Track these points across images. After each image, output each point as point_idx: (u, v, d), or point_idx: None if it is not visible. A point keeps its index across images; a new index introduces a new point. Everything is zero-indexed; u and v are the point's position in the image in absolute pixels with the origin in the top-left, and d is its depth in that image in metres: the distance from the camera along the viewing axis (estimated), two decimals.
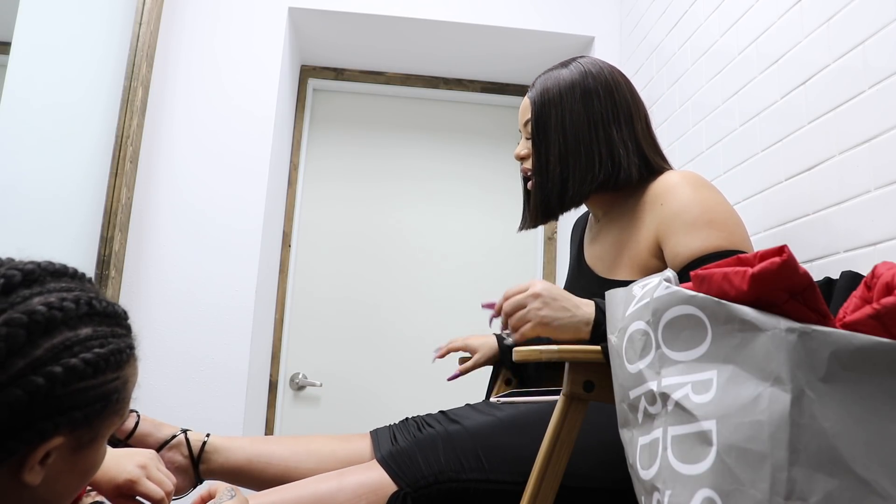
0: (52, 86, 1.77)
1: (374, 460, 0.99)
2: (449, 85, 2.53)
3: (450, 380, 1.41)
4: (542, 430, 0.99)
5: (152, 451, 0.90)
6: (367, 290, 2.41)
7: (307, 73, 2.48)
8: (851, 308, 0.68)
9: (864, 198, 1.07)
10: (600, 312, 0.95)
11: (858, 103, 1.10)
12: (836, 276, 0.99)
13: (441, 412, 1.13)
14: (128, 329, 0.63)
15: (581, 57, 1.21)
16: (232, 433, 1.83)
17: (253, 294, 1.93)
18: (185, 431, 1.06)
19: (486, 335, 1.41)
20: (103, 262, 1.76)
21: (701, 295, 0.62)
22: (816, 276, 1.06)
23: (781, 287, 0.57)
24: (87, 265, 1.75)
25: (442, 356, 1.41)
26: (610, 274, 1.13)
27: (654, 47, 1.93)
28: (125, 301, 1.85)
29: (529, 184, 1.19)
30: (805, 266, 0.95)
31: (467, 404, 1.18)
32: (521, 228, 1.26)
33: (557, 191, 1.13)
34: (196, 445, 1.05)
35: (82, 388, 0.56)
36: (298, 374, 2.33)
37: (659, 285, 0.67)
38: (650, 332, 0.66)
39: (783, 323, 0.56)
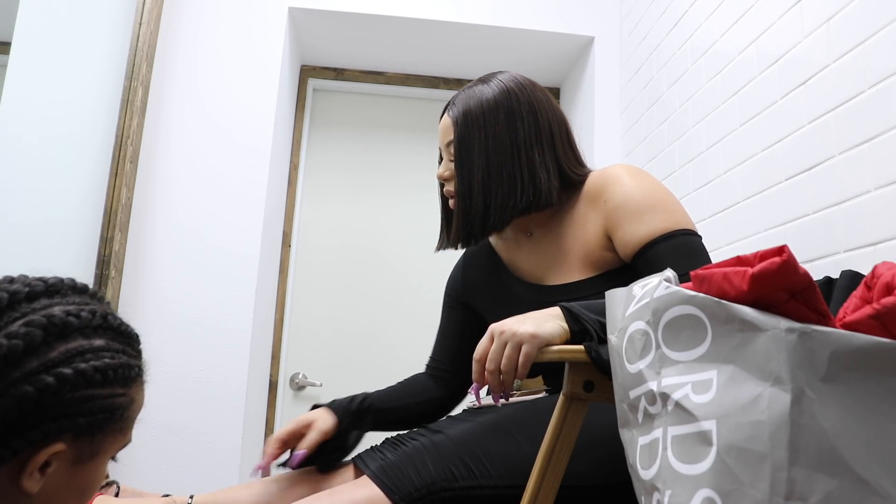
0: (53, 86, 1.77)
1: (365, 476, 0.98)
2: (449, 85, 2.53)
3: (284, 465, 1.09)
4: (526, 430, 0.99)
5: (172, 499, 0.90)
6: (368, 289, 2.41)
7: (307, 73, 2.48)
8: (851, 308, 0.68)
9: (864, 198, 1.07)
10: (566, 310, 0.91)
11: (858, 103, 1.10)
12: (836, 276, 0.99)
13: (422, 426, 1.12)
14: (139, 353, 0.65)
15: (501, 72, 1.17)
16: (232, 433, 1.83)
17: (253, 294, 1.93)
18: (165, 496, 1.04)
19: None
20: (103, 262, 1.76)
21: (701, 295, 0.62)
22: (816, 276, 1.06)
23: (781, 287, 0.57)
24: (87, 265, 1.75)
25: (276, 456, 1.08)
26: (563, 279, 1.11)
27: (654, 47, 1.93)
28: (125, 301, 1.85)
29: (451, 203, 1.15)
30: (805, 266, 0.95)
31: (448, 416, 1.17)
32: (439, 248, 1.20)
33: (480, 216, 1.09)
34: None
35: (89, 395, 0.57)
36: (298, 374, 2.33)
37: (659, 285, 0.67)
38: (650, 332, 0.66)
39: (783, 323, 0.56)
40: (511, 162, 1.08)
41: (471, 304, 1.26)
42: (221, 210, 1.96)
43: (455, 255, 2.52)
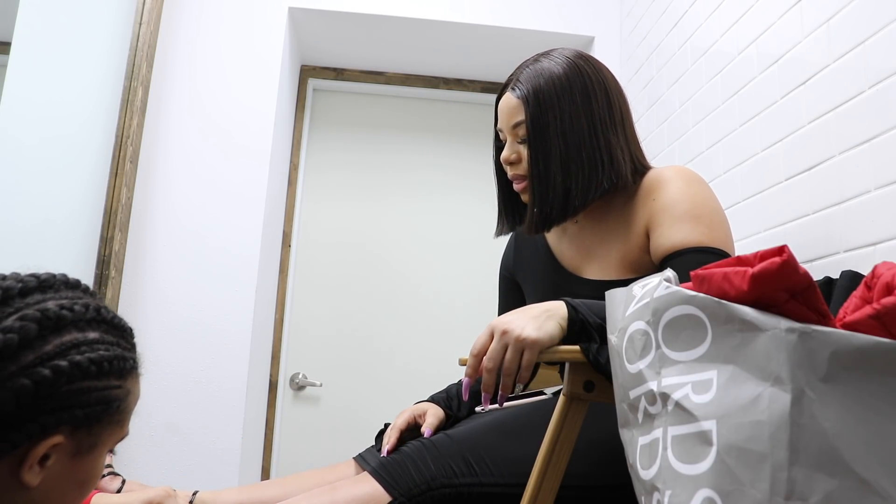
0: (53, 86, 1.77)
1: (365, 472, 0.99)
2: (449, 85, 2.53)
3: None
4: (529, 429, 0.99)
5: (166, 488, 0.90)
6: (367, 289, 2.41)
7: (307, 73, 2.48)
8: (851, 308, 0.68)
9: (864, 198, 1.07)
10: (571, 308, 0.90)
11: (858, 103, 1.10)
12: (836, 276, 0.99)
13: None
14: (133, 345, 0.65)
15: (561, 48, 1.12)
16: (232, 433, 1.83)
17: (253, 294, 1.93)
18: None
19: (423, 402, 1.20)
20: (103, 262, 1.76)
21: (701, 295, 0.62)
22: (816, 276, 1.06)
23: (781, 287, 0.57)
24: (87, 265, 1.75)
25: (393, 448, 1.06)
26: (600, 275, 1.09)
27: (654, 47, 1.93)
28: (125, 301, 1.85)
29: (517, 186, 1.11)
30: (805, 266, 0.95)
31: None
32: (498, 234, 1.18)
33: (560, 200, 1.05)
34: None
35: (85, 387, 0.58)
36: (298, 374, 2.33)
37: (659, 285, 0.67)
38: (650, 332, 0.66)
39: (783, 323, 0.56)
40: (590, 142, 1.05)
41: (520, 283, 1.26)
42: (221, 210, 1.96)
43: (460, 254, 2.51)
